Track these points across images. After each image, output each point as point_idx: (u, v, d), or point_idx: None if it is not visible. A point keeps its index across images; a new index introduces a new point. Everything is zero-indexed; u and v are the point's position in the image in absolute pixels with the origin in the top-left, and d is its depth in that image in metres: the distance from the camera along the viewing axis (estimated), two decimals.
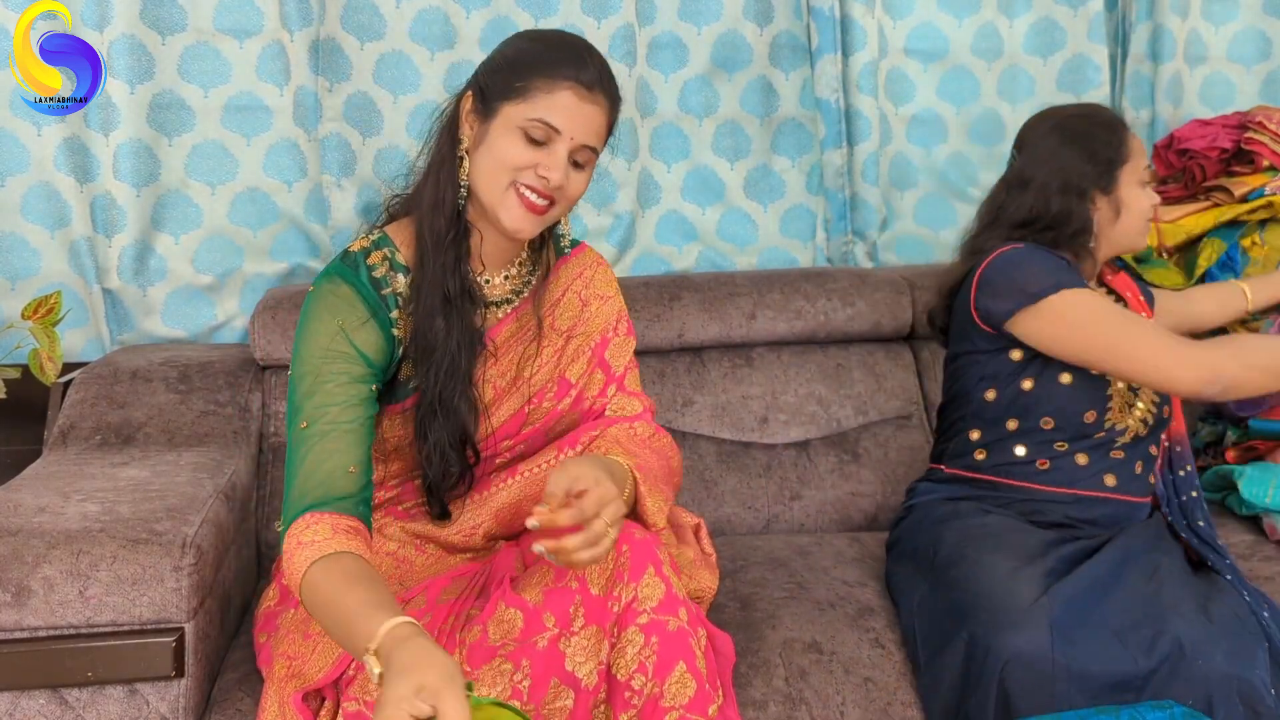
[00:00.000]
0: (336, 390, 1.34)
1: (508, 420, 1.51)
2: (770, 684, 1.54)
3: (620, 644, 1.29)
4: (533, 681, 1.26)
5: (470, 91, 1.43)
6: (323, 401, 1.33)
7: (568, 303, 1.56)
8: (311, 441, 1.32)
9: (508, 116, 1.37)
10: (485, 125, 1.40)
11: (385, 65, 2.33)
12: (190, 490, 1.61)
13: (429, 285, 1.41)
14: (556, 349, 1.54)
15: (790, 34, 2.54)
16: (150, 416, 1.94)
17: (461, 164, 1.42)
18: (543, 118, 1.36)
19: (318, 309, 1.39)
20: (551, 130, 1.37)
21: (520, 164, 1.37)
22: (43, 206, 2.18)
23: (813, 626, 1.63)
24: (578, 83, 1.37)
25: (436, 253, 1.41)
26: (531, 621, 1.29)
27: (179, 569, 1.41)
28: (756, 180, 2.58)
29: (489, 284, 1.50)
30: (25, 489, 1.60)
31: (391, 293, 1.42)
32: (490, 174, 1.39)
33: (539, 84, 1.36)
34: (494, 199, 1.39)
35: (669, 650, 1.28)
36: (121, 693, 1.41)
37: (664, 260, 2.52)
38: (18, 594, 1.37)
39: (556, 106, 1.36)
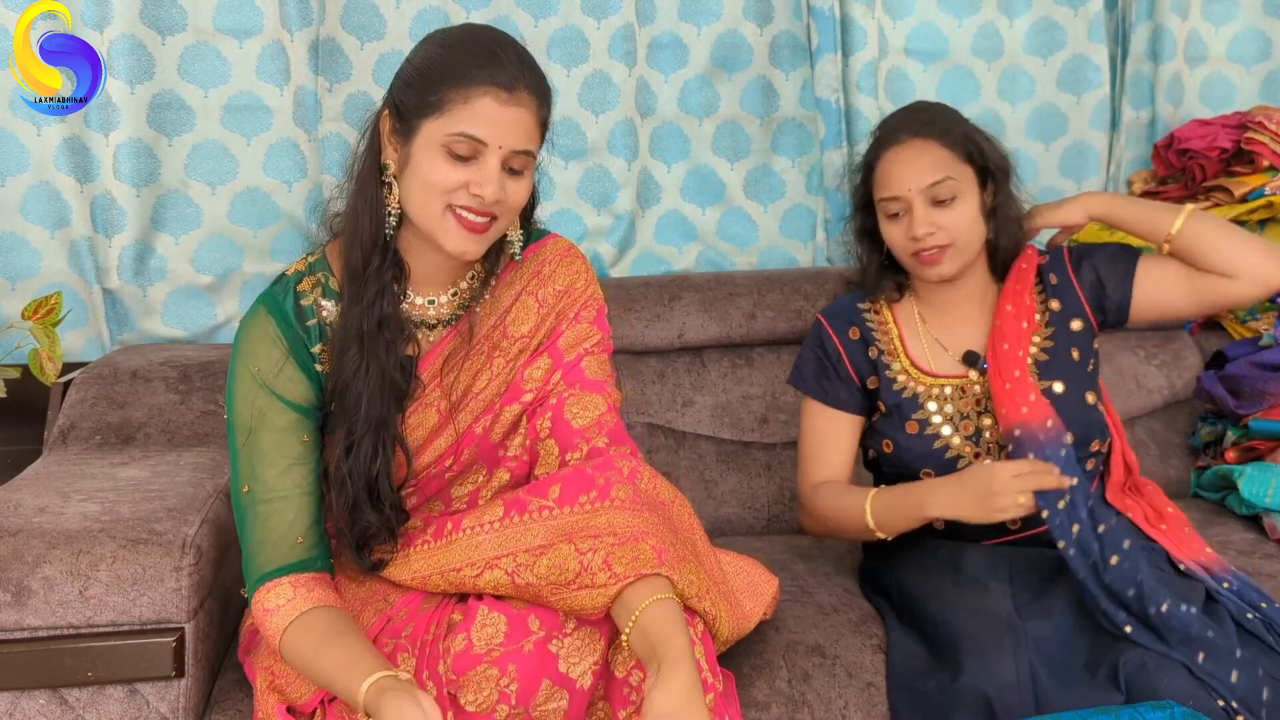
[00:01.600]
0: (271, 451, 1.31)
1: (447, 449, 1.41)
2: (773, 685, 1.54)
3: (617, 641, 1.28)
4: (520, 685, 1.24)
5: (387, 110, 1.33)
6: (259, 466, 1.31)
7: (521, 307, 1.43)
8: (256, 509, 1.32)
9: (428, 135, 1.27)
10: (407, 146, 1.29)
11: (385, 65, 2.33)
12: (190, 490, 1.61)
13: (345, 322, 1.33)
14: (510, 358, 1.42)
15: (790, 34, 2.54)
16: (150, 416, 1.94)
17: (391, 190, 1.32)
18: (464, 131, 1.26)
19: (240, 350, 1.35)
20: (477, 143, 1.27)
21: (450, 186, 1.27)
22: (43, 206, 2.18)
23: (816, 630, 1.63)
24: (495, 85, 1.26)
25: (354, 287, 1.33)
26: (516, 626, 1.26)
27: (179, 569, 1.41)
28: (756, 180, 2.57)
29: (433, 305, 1.41)
30: (25, 489, 1.60)
31: (317, 323, 1.36)
32: (422, 199, 1.29)
33: (454, 95, 1.25)
34: (431, 224, 1.30)
35: None
36: (121, 693, 1.41)
37: (664, 260, 2.52)
38: (18, 594, 1.37)
39: (477, 117, 1.26)
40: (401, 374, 1.35)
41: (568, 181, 2.46)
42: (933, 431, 1.71)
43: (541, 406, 1.41)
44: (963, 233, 1.66)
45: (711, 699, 1.25)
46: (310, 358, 1.35)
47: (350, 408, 1.33)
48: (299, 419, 1.34)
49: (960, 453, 1.69)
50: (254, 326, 1.35)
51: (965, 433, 1.70)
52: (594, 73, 2.43)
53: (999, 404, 1.66)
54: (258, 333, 1.35)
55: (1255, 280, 1.65)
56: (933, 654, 1.56)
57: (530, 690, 1.24)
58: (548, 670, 1.25)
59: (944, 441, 1.70)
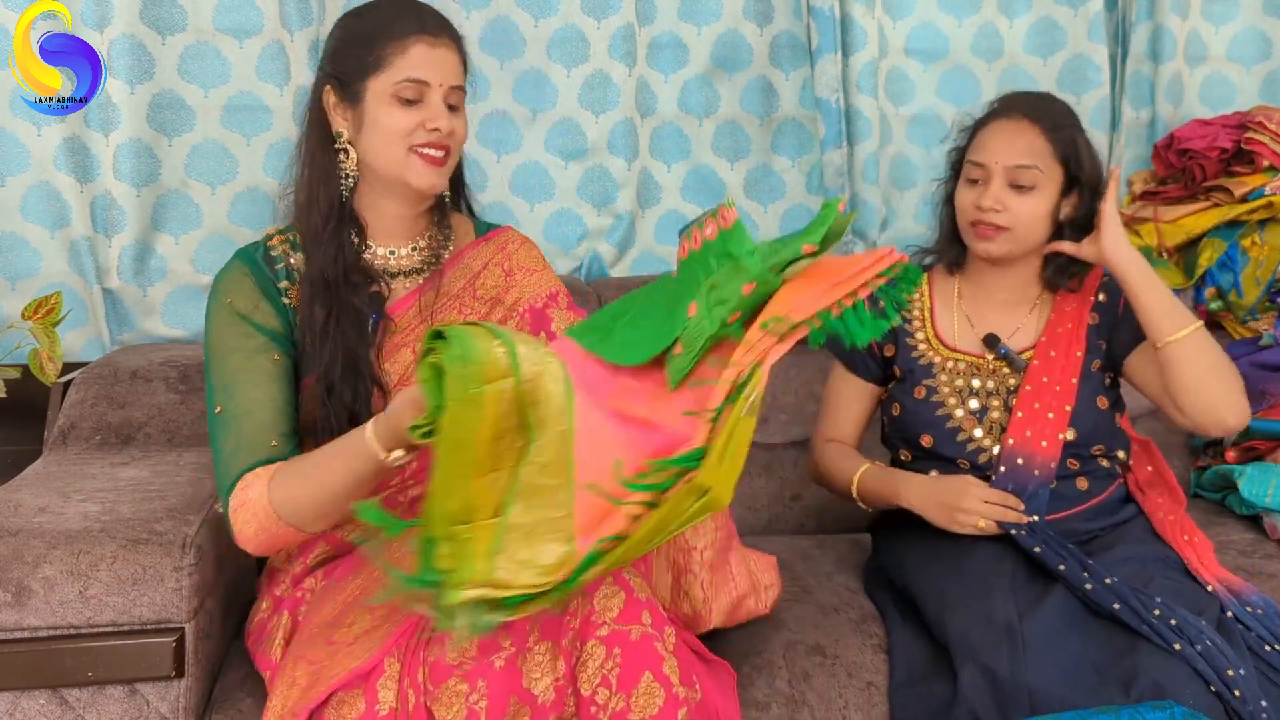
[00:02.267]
0: (241, 370, 1.39)
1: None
2: (773, 685, 1.54)
3: (583, 658, 1.26)
4: (489, 701, 1.23)
5: (328, 85, 1.47)
6: (231, 384, 1.38)
7: (489, 273, 1.58)
8: (228, 425, 1.36)
9: (376, 91, 1.43)
10: (357, 110, 1.45)
11: None
12: (191, 490, 1.61)
13: (313, 276, 1.45)
14: (480, 314, 1.55)
15: (790, 34, 2.54)
16: (150, 416, 1.94)
17: (346, 155, 1.47)
18: (409, 76, 1.42)
19: (215, 292, 1.45)
20: (421, 85, 1.43)
21: (408, 128, 1.43)
22: (43, 206, 2.18)
23: (816, 630, 1.63)
24: (424, 33, 1.43)
25: (315, 248, 1.46)
26: (488, 641, 1.25)
27: (179, 569, 1.41)
28: (756, 180, 2.58)
29: (394, 255, 1.53)
30: (25, 489, 1.60)
31: (285, 267, 1.48)
32: (385, 149, 1.44)
33: (390, 49, 1.42)
34: (397, 169, 1.45)
35: (632, 661, 1.24)
36: (122, 693, 1.41)
37: (664, 260, 2.52)
38: (18, 594, 1.37)
39: (416, 62, 1.42)
40: (369, 313, 1.46)
41: (568, 181, 2.46)
42: (939, 399, 1.74)
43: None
44: (1025, 223, 1.69)
45: (684, 714, 1.24)
46: (278, 292, 1.46)
47: (326, 354, 1.42)
48: (268, 341, 1.42)
49: (961, 425, 1.72)
50: (227, 273, 1.47)
51: (970, 408, 1.72)
52: (594, 73, 2.43)
53: (1022, 405, 1.69)
54: (231, 277, 1.46)
55: (1200, 426, 1.66)
56: (934, 654, 1.56)
57: (499, 707, 1.23)
58: (513, 687, 1.24)
59: (948, 411, 1.73)
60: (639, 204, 2.51)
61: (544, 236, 2.46)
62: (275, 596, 1.49)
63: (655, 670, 1.25)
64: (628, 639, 1.25)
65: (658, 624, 1.28)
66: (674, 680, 1.25)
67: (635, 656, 1.25)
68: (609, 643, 1.25)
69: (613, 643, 1.25)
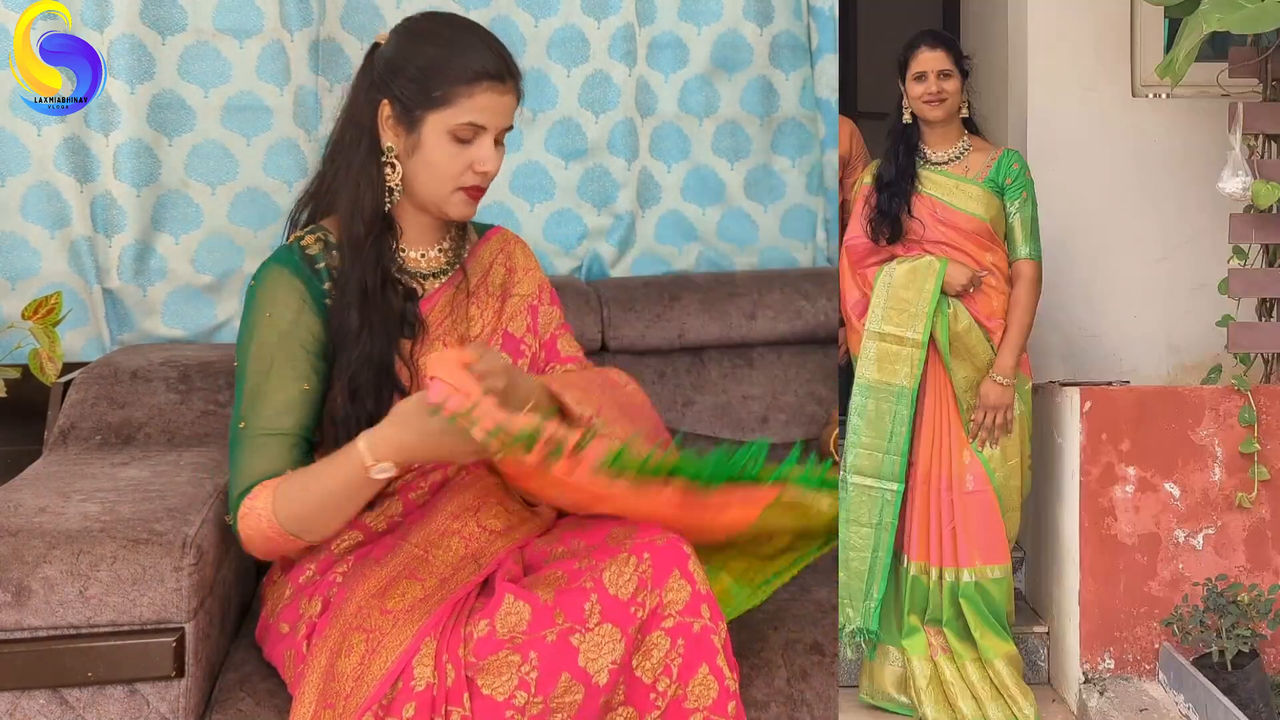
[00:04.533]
0: (274, 394, 1.42)
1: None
2: (772, 685, 1.54)
3: (645, 646, 1.32)
4: (540, 674, 1.27)
5: (386, 100, 1.48)
6: (260, 404, 1.42)
7: (495, 270, 1.65)
8: (251, 440, 1.41)
9: (435, 125, 1.46)
10: (413, 135, 1.47)
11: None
12: (191, 490, 1.61)
13: (350, 282, 1.47)
14: (495, 308, 1.62)
15: (790, 34, 2.54)
16: (150, 416, 1.94)
17: (393, 169, 1.49)
18: (470, 121, 1.45)
19: (257, 300, 1.46)
20: (478, 129, 1.46)
21: (459, 170, 1.48)
22: (43, 206, 2.18)
23: (815, 629, 1.63)
24: (492, 79, 1.46)
25: (356, 254, 1.47)
26: (540, 616, 1.30)
27: (179, 569, 1.41)
28: (756, 180, 2.57)
29: (424, 257, 1.58)
30: (25, 489, 1.60)
31: (325, 266, 1.49)
32: (432, 182, 1.49)
33: (459, 90, 1.44)
34: (440, 200, 1.50)
35: (694, 652, 1.32)
36: (121, 693, 1.41)
37: (664, 260, 2.52)
38: (18, 594, 1.37)
39: (479, 107, 1.45)
40: (406, 317, 1.51)
41: (568, 181, 2.46)
42: None
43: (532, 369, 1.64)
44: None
45: (733, 707, 1.34)
46: (322, 294, 1.48)
47: (355, 359, 1.45)
48: (306, 369, 1.44)
49: None
50: (268, 278, 1.47)
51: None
52: (594, 73, 2.43)
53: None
54: (272, 281, 1.47)
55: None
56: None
57: (550, 680, 1.27)
58: (567, 663, 1.28)
59: None
60: (639, 204, 2.51)
61: (544, 236, 2.46)
62: (299, 584, 1.49)
63: (711, 662, 1.33)
64: (690, 631, 1.33)
65: (715, 618, 1.36)
66: (726, 672, 1.34)
67: (696, 648, 1.33)
68: (673, 634, 1.33)
69: (677, 634, 1.33)
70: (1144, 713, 1.95)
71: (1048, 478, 2.27)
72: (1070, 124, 2.58)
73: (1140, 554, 2.09)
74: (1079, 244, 2.56)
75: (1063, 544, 2.18)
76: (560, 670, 1.28)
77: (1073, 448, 2.12)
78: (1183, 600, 2.05)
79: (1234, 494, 2.09)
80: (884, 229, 2.17)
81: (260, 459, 1.40)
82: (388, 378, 1.48)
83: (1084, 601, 2.09)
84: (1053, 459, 2.25)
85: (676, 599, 1.33)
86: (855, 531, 2.11)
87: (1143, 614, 2.09)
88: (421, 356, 1.51)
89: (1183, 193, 2.55)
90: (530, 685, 1.27)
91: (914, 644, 2.12)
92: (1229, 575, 2.05)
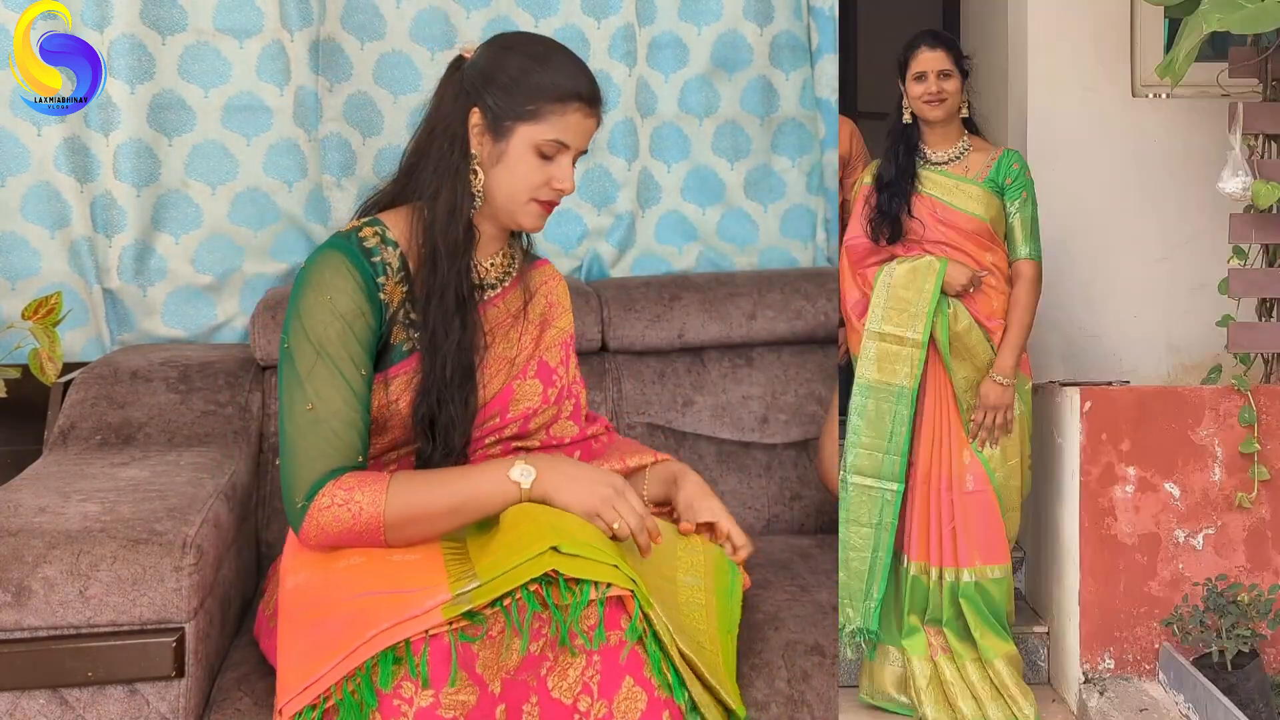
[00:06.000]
0: (337, 379, 1.41)
1: (496, 395, 1.57)
2: (772, 685, 1.54)
3: (559, 667, 1.29)
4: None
5: (477, 107, 1.49)
6: (325, 389, 1.41)
7: (538, 300, 1.68)
8: (319, 425, 1.39)
9: (523, 137, 1.47)
10: (499, 145, 1.48)
11: (385, 65, 2.33)
12: (190, 490, 1.61)
13: (448, 290, 1.48)
14: (534, 335, 1.64)
15: (790, 34, 2.54)
16: (150, 416, 1.94)
17: (476, 176, 1.50)
18: (558, 138, 1.47)
19: (312, 283, 1.45)
20: (563, 147, 1.49)
21: (539, 182, 1.49)
22: (43, 206, 2.17)
23: (815, 629, 1.63)
24: (584, 102, 1.49)
25: (452, 260, 1.48)
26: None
27: (179, 569, 1.41)
28: (756, 180, 2.57)
29: (481, 268, 1.59)
30: (25, 489, 1.60)
31: (381, 260, 1.48)
32: (512, 191, 1.50)
33: (552, 107, 1.47)
34: (515, 209, 1.52)
35: (612, 667, 1.28)
36: (121, 693, 1.41)
37: (664, 260, 2.52)
38: (18, 594, 1.37)
39: (568, 126, 1.48)
40: (479, 328, 1.54)
41: None
42: None
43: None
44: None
45: (668, 716, 1.29)
46: (376, 287, 1.47)
47: (444, 356, 1.47)
48: (364, 358, 1.45)
49: None
50: (326, 262, 1.46)
51: None
52: (594, 72, 2.42)
53: None
54: (330, 268, 1.46)
55: None
56: None
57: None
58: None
59: None
60: (639, 204, 2.51)
61: (544, 236, 2.46)
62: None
63: (636, 674, 1.28)
64: (605, 645, 1.28)
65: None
66: (656, 682, 1.28)
67: (616, 661, 1.28)
68: (588, 652, 1.28)
69: (591, 652, 1.28)
70: (1144, 713, 1.95)
71: (1048, 478, 2.27)
72: (1070, 124, 2.58)
73: (1140, 554, 2.09)
74: (1079, 244, 2.56)
75: (1063, 544, 2.18)
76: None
77: (1073, 448, 2.12)
78: (1183, 600, 2.05)
79: (1234, 494, 2.09)
80: (884, 229, 2.17)
81: (334, 445, 1.39)
82: (472, 383, 1.51)
83: (1084, 601, 2.09)
84: (1053, 459, 2.25)
85: (588, 614, 1.30)
86: (855, 531, 2.11)
87: (1143, 614, 2.09)
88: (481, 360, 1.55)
89: (1183, 193, 2.55)
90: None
91: (914, 644, 2.12)
92: (1229, 575, 2.05)
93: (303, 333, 1.43)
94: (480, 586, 1.27)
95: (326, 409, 1.40)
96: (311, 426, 1.39)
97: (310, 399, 1.40)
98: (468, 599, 1.26)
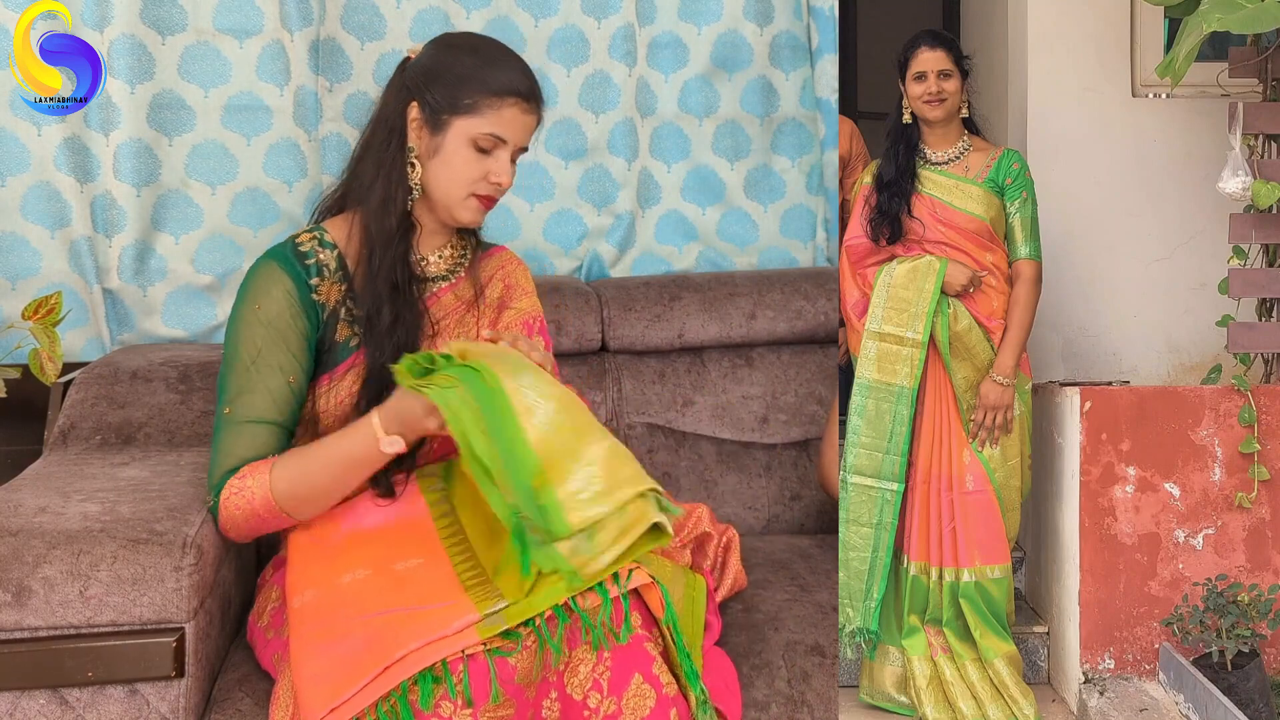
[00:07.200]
0: (259, 384, 1.47)
1: None
2: (773, 685, 1.54)
3: (573, 664, 1.30)
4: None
5: (415, 102, 1.52)
6: (246, 393, 1.47)
7: (493, 285, 1.69)
8: (235, 426, 1.46)
9: (459, 131, 1.50)
10: (436, 138, 1.51)
11: (385, 65, 2.33)
12: (191, 490, 1.60)
13: (380, 277, 1.51)
14: (490, 319, 1.66)
15: (790, 34, 2.54)
16: (150, 416, 1.94)
17: (413, 169, 1.53)
18: (493, 132, 1.50)
19: (246, 292, 1.51)
20: (500, 142, 1.51)
21: (476, 176, 1.52)
22: (43, 206, 2.17)
23: (816, 630, 1.63)
24: (521, 97, 1.52)
25: (385, 249, 1.52)
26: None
27: (179, 569, 1.41)
28: (756, 180, 2.57)
29: (426, 262, 1.61)
30: (25, 489, 1.60)
31: (315, 263, 1.52)
32: (449, 185, 1.53)
33: (488, 101, 1.50)
34: (453, 203, 1.54)
35: (623, 663, 1.30)
36: (121, 693, 1.41)
37: (664, 260, 2.52)
38: (18, 594, 1.37)
39: (504, 120, 1.51)
40: (423, 315, 1.57)
41: (568, 181, 2.46)
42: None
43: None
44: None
45: (675, 714, 1.29)
46: (309, 289, 1.51)
47: (387, 353, 1.49)
48: (290, 361, 1.49)
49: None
50: (257, 272, 1.52)
51: None
52: (594, 73, 2.43)
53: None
54: (262, 276, 1.51)
55: None
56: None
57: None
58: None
59: None
60: (639, 204, 2.51)
61: (544, 236, 2.47)
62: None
63: (645, 671, 1.28)
64: (614, 641, 1.30)
65: (646, 624, 1.32)
66: (664, 680, 1.29)
67: (626, 659, 1.29)
68: (598, 649, 1.29)
69: (601, 649, 1.29)
70: (1144, 713, 1.95)
71: (1048, 478, 2.27)
72: (1070, 124, 2.58)
73: (1140, 554, 2.09)
74: (1079, 244, 2.56)
75: (1062, 544, 2.18)
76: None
77: (1073, 448, 2.12)
78: (1183, 600, 2.05)
79: (1234, 494, 2.09)
80: (884, 229, 2.17)
81: (244, 443, 1.45)
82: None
83: (1084, 601, 2.09)
84: (1053, 459, 2.25)
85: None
86: (855, 531, 2.11)
87: (1143, 614, 2.09)
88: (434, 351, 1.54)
89: (1183, 193, 2.55)
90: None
91: (914, 644, 2.12)
92: (1229, 575, 2.05)
93: (231, 341, 1.50)
94: (509, 607, 1.27)
95: (243, 411, 1.45)
96: (226, 428, 1.46)
97: (229, 402, 1.47)
98: (501, 619, 1.26)
